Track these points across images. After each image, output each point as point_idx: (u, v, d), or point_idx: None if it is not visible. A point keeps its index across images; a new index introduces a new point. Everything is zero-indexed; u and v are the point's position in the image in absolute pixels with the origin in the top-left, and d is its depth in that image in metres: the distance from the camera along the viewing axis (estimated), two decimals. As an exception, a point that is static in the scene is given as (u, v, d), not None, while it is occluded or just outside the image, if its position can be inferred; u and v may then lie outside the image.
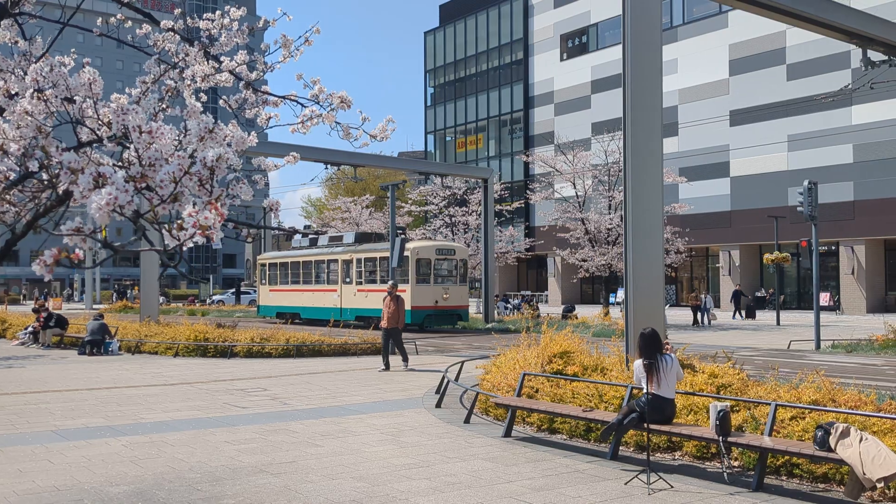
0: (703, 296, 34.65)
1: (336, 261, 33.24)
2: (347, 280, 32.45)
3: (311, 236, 38.30)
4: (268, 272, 38.42)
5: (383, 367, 16.38)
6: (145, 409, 11.72)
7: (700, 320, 33.63)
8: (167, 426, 10.33)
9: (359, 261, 31.96)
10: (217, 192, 2.56)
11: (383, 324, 16.80)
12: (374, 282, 30.97)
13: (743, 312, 38.60)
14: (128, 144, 2.79)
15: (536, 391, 10.17)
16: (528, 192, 45.63)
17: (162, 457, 8.48)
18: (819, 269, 22.41)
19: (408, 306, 28.73)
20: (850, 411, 7.47)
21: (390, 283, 17.57)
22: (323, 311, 32.41)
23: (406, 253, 29.11)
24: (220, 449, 8.86)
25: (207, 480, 7.44)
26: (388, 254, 29.65)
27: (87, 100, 3.04)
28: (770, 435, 7.39)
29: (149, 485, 7.30)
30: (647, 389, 7.91)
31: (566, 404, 9.52)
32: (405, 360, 16.77)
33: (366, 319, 30.70)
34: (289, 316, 35.87)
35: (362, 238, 34.05)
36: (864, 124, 40.47)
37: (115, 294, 70.80)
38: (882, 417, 7.24)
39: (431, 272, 30.01)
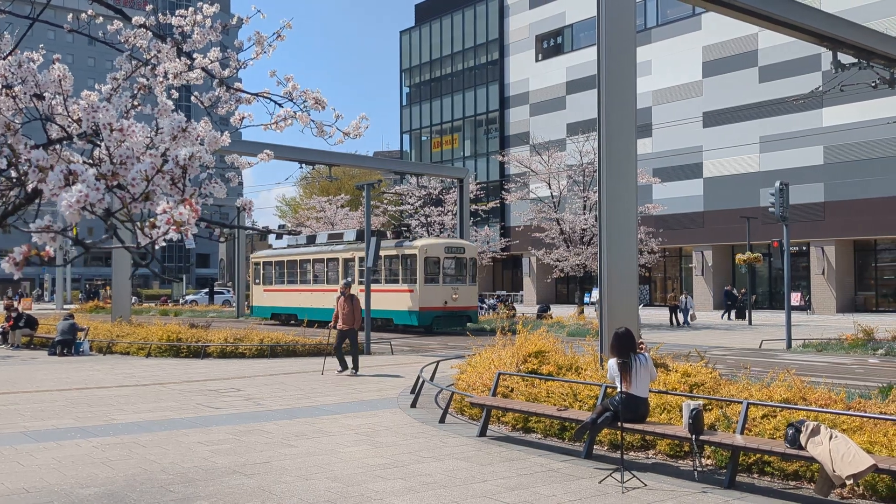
0: (682, 296, 34.53)
1: (336, 259, 31.77)
2: (349, 280, 31.43)
3: (308, 234, 36.99)
4: (262, 271, 36.85)
5: (340, 369, 15.83)
6: (117, 410, 11.59)
7: (678, 320, 33.47)
8: (139, 427, 10.22)
9: (361, 259, 29.85)
10: (190, 191, 2.54)
11: (340, 325, 15.87)
12: (377, 281, 29.42)
13: (733, 313, 37.90)
14: (98, 142, 2.75)
15: (511, 391, 10.19)
16: (503, 192, 45.76)
17: (133, 458, 8.39)
18: (790, 270, 22.67)
19: (416, 307, 27.78)
20: (821, 409, 7.56)
21: (343, 282, 16.62)
22: (323, 312, 30.63)
23: (414, 251, 28.11)
24: (193, 450, 8.79)
25: (180, 482, 7.38)
26: (394, 252, 28.72)
27: (57, 96, 3.00)
28: (742, 433, 7.47)
29: (120, 486, 7.22)
30: (621, 388, 7.95)
31: (541, 403, 9.55)
32: (356, 365, 15.87)
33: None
34: (284, 317, 34.50)
35: (364, 236, 33.00)
36: (835, 126, 41.01)
37: (82, 294, 69.75)
38: (851, 415, 7.34)
39: (440, 272, 28.60)
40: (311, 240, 35.33)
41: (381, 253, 29.59)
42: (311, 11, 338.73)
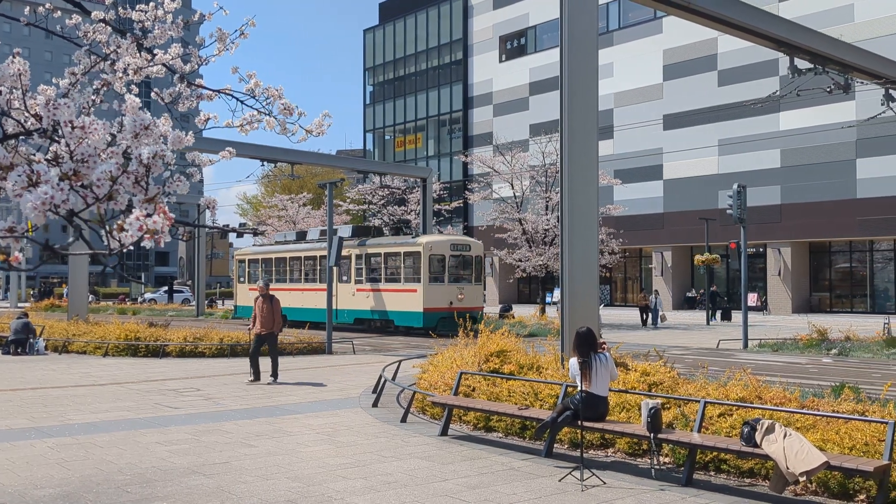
0: (651, 296, 34.24)
1: None
2: (345, 279, 29.75)
3: (297, 231, 35.70)
4: (247, 269, 35.36)
5: (252, 378, 14.35)
6: (73, 410, 11.40)
7: (648, 320, 33.13)
8: (96, 427, 10.07)
9: (358, 257, 29.38)
10: (153, 190, 2.51)
11: (258, 329, 14.50)
12: (376, 280, 28.57)
13: (719, 314, 37.36)
14: (57, 138, 2.72)
15: (473, 390, 10.22)
16: (466, 192, 45.87)
17: (90, 459, 8.26)
18: (747, 271, 23.06)
19: (420, 308, 26.59)
20: (776, 408, 7.71)
21: (260, 283, 15.43)
22: (315, 313, 28.89)
23: (418, 248, 27.03)
24: (151, 450, 8.68)
25: (137, 482, 7.28)
26: (394, 249, 28.02)
27: (14, 91, 2.95)
28: (699, 431, 7.58)
29: (75, 487, 7.11)
30: (582, 387, 8.02)
31: (502, 403, 9.60)
32: (274, 372, 14.52)
33: (366, 322, 28.91)
34: None
35: (360, 232, 31.39)
36: (791, 130, 41.79)
37: (34, 292, 68.13)
38: (805, 414, 7.49)
39: (446, 270, 27.16)
40: (300, 236, 34.12)
41: (380, 250, 28.70)
42: (275, 8, 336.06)
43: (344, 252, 29.63)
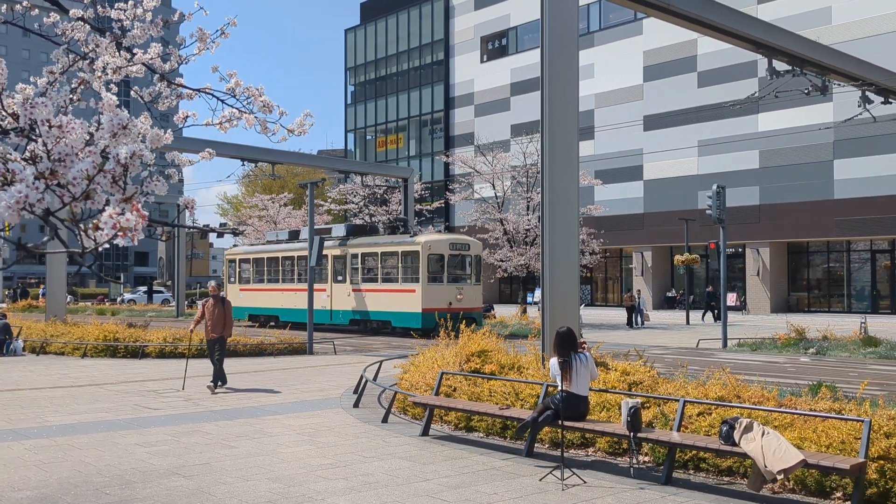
0: (636, 296, 34.01)
1: (326, 256, 29.21)
2: (340, 278, 29.36)
3: (290, 230, 35.30)
4: (238, 269, 34.73)
5: (221, 382, 13.69)
6: (51, 412, 11.30)
7: (635, 321, 32.86)
8: (74, 429, 9.98)
9: (354, 256, 28.83)
10: (131, 190, 2.50)
11: (209, 333, 13.90)
12: (373, 280, 28.10)
13: (715, 314, 36.35)
14: (35, 137, 2.69)
15: (454, 390, 10.23)
16: (447, 192, 45.86)
17: (68, 460, 8.19)
18: (726, 271, 23.23)
19: (419, 309, 25.97)
20: (754, 407, 7.78)
21: (212, 284, 14.75)
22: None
23: (416, 248, 26.43)
24: (131, 451, 8.62)
25: (116, 484, 7.23)
26: (392, 248, 27.55)
27: (-9, 89, 2.92)
28: (678, 430, 7.64)
29: (54, 489, 7.05)
30: (562, 387, 8.06)
31: (483, 402, 9.62)
32: (222, 377, 13.72)
33: (363, 323, 28.45)
34: (263, 319, 32.46)
35: (356, 231, 30.94)
36: (770, 131, 42.12)
37: (9, 292, 67.19)
38: (783, 412, 7.56)
39: (445, 270, 26.54)
40: (293, 235, 33.57)
41: (377, 249, 28.24)
42: (255, 8, 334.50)
43: (339, 251, 29.48)
